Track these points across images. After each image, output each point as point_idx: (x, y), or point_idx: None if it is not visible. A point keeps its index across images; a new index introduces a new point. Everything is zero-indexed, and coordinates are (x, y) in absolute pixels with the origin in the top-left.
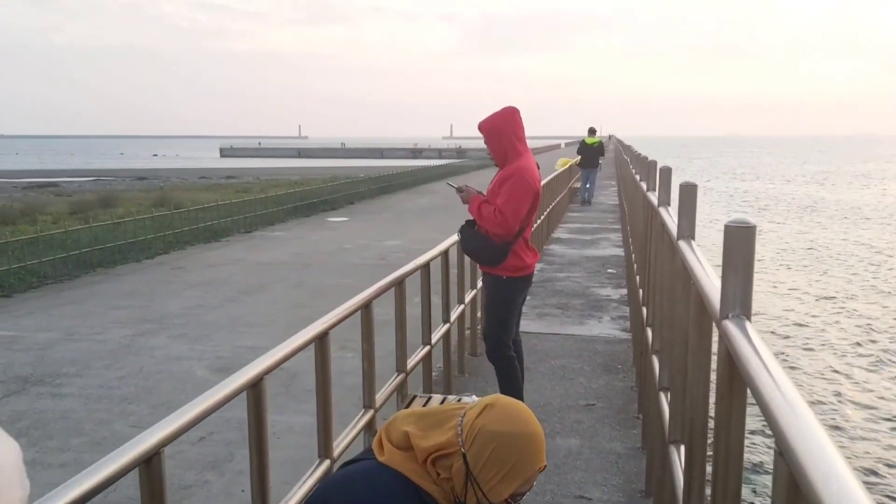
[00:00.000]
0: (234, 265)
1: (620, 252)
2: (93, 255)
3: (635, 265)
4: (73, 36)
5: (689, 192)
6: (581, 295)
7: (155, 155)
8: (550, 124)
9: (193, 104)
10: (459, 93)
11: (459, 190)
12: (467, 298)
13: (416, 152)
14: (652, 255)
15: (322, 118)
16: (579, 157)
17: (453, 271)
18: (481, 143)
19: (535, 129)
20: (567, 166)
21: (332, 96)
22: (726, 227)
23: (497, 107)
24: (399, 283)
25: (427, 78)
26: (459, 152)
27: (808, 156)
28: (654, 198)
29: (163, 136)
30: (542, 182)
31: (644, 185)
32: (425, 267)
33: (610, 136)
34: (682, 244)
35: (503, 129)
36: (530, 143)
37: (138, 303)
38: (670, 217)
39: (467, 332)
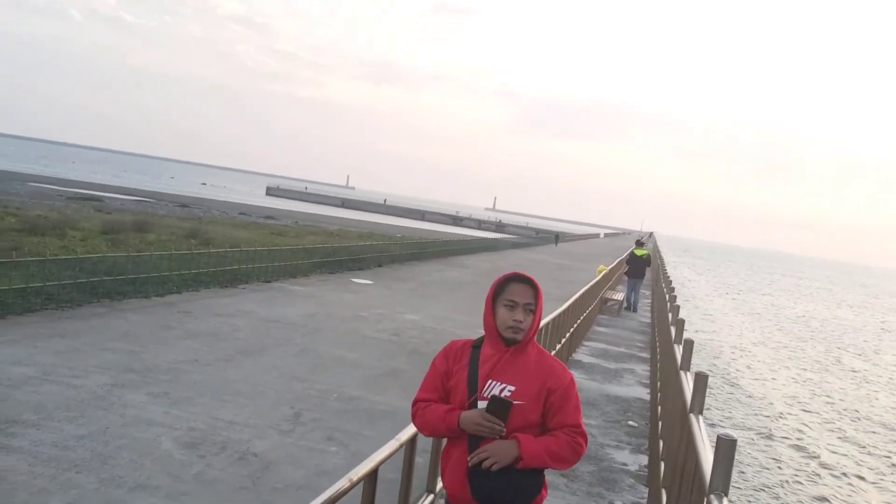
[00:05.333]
0: (242, 318)
1: (645, 394)
2: (103, 284)
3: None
4: (147, 60)
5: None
6: (593, 458)
7: (204, 184)
8: (590, 212)
9: (249, 140)
10: (506, 168)
11: (497, 431)
12: None
13: (456, 219)
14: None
15: (370, 171)
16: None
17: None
18: (521, 220)
19: (576, 215)
20: (602, 274)
21: (383, 152)
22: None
23: (542, 187)
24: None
25: (476, 149)
26: (499, 226)
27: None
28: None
29: (214, 166)
30: (583, 290)
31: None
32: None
33: (650, 234)
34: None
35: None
36: (570, 228)
37: (130, 347)
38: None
39: None
